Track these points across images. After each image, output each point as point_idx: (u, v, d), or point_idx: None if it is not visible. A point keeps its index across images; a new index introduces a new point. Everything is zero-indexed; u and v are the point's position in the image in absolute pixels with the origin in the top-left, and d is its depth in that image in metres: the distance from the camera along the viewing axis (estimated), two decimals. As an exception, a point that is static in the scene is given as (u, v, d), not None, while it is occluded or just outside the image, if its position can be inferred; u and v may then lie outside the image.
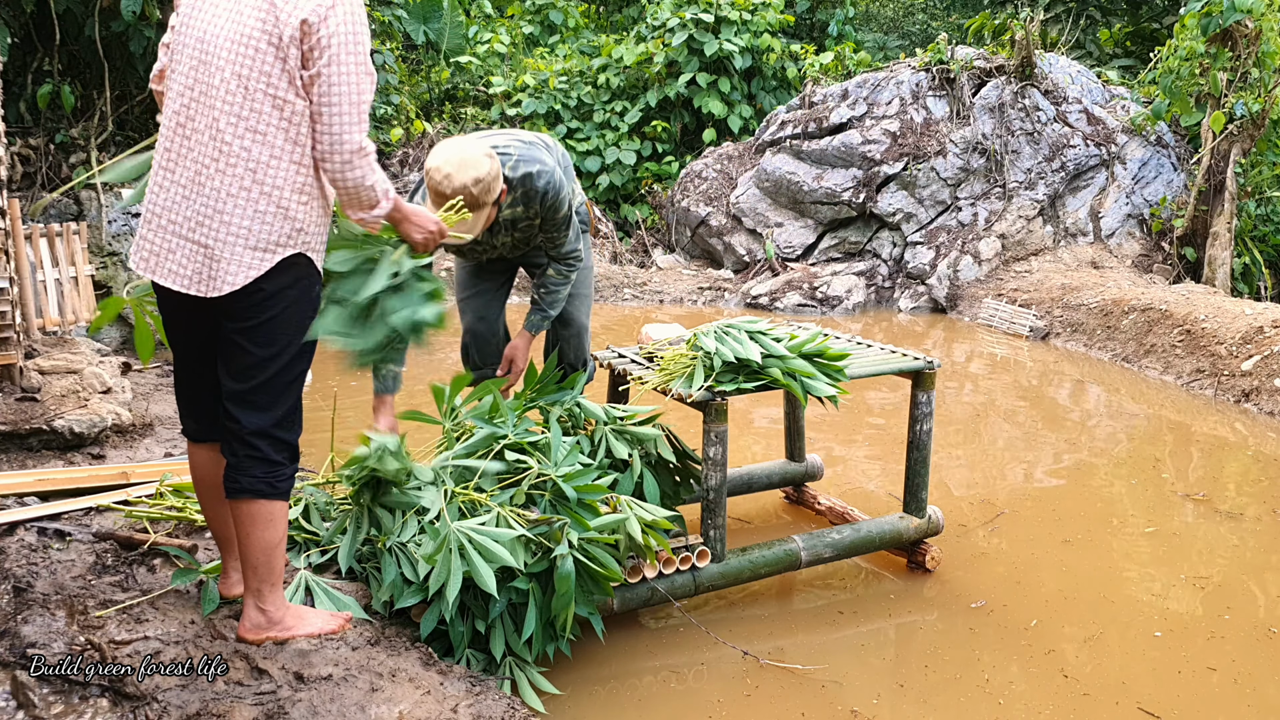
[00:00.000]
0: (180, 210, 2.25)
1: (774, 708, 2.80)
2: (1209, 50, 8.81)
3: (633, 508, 2.87)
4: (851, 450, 5.22)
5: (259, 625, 2.41)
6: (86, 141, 7.41)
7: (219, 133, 2.21)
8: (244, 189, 2.21)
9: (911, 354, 3.57)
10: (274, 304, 2.28)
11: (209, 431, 2.46)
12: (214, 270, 2.23)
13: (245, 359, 2.29)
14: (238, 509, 2.34)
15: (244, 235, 2.22)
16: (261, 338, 2.29)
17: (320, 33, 2.19)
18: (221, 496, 2.44)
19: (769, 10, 11.82)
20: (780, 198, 10.24)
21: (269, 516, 2.34)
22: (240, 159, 2.21)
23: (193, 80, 2.23)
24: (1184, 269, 9.48)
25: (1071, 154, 9.93)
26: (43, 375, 4.37)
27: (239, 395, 2.31)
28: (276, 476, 2.34)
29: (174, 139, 2.27)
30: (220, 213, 2.22)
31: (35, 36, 7.33)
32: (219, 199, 2.22)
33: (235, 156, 2.21)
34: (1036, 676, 3.00)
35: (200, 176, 2.23)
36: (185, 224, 2.24)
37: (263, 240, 2.23)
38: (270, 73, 2.19)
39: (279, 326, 2.30)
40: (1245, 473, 4.99)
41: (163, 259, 2.27)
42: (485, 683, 2.45)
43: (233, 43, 2.20)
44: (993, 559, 3.84)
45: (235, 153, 2.20)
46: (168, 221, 2.26)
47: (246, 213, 2.22)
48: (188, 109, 2.24)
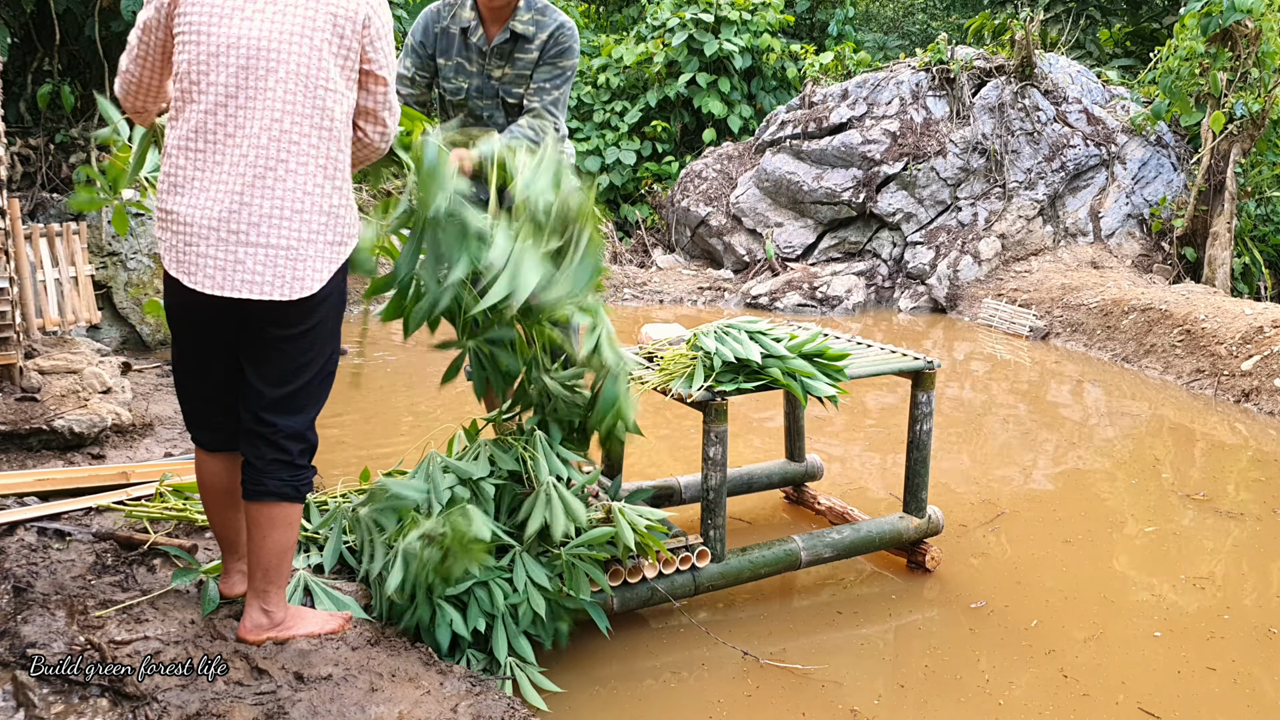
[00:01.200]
0: (242, 218, 2.18)
1: (775, 708, 2.80)
2: (1209, 50, 8.80)
3: (625, 514, 2.87)
4: (851, 450, 5.22)
5: (260, 626, 2.41)
6: (86, 142, 7.41)
7: (284, 132, 2.19)
8: (318, 185, 2.23)
9: (911, 354, 3.57)
10: (326, 305, 2.31)
11: (226, 441, 2.43)
12: (297, 270, 2.22)
13: (290, 363, 2.30)
14: (259, 512, 2.34)
15: (323, 231, 2.25)
16: (312, 339, 2.31)
17: (374, 26, 2.29)
18: (232, 502, 2.45)
19: (769, 10, 11.82)
20: (780, 198, 10.24)
21: (288, 519, 2.36)
22: (311, 156, 2.22)
23: (235, 86, 2.17)
24: (1184, 269, 9.47)
25: (1071, 154, 9.93)
26: (43, 375, 4.37)
27: (278, 400, 2.31)
28: (299, 479, 2.36)
29: (211, 147, 2.19)
30: (300, 211, 2.21)
31: (35, 36, 7.33)
32: (296, 198, 2.21)
33: (306, 155, 2.21)
34: (1037, 677, 3.00)
35: (264, 180, 2.18)
36: (253, 230, 2.18)
37: (339, 234, 2.28)
38: (329, 69, 2.23)
39: (328, 327, 2.33)
40: (1245, 473, 4.99)
41: (232, 271, 2.18)
42: (485, 683, 2.45)
43: (286, 43, 2.19)
44: (993, 559, 3.84)
45: (305, 150, 2.21)
46: (228, 232, 2.17)
47: (323, 208, 2.24)
48: (233, 116, 2.17)
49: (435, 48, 3.37)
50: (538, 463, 2.85)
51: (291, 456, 2.33)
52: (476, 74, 3.36)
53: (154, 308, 2.51)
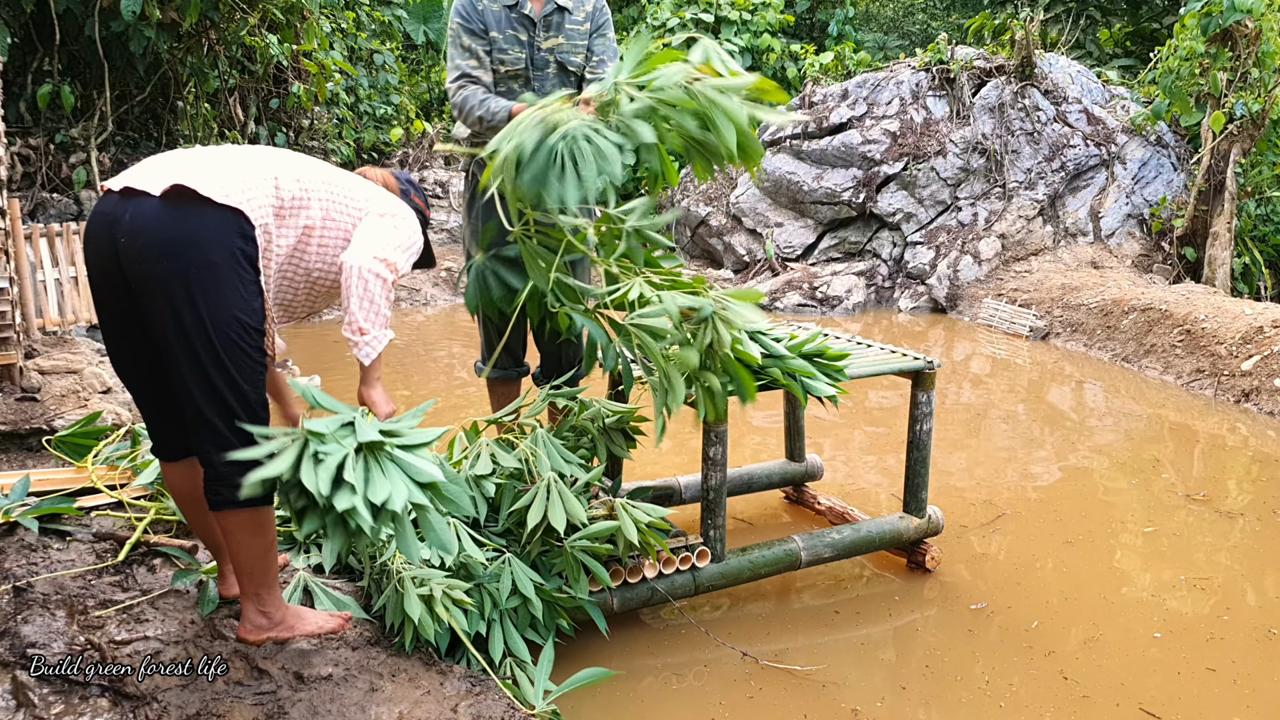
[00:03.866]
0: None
1: (776, 709, 2.80)
2: (1209, 50, 8.81)
3: (628, 510, 2.87)
4: (851, 450, 5.22)
5: (259, 626, 2.41)
6: (86, 141, 7.41)
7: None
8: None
9: (911, 354, 3.57)
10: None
11: (180, 449, 2.39)
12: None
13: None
14: (225, 520, 2.26)
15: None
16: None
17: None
18: (203, 508, 2.41)
19: (769, 10, 11.83)
20: (780, 197, 10.24)
21: (258, 522, 2.30)
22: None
23: None
24: (1184, 269, 9.47)
25: (1071, 154, 9.93)
26: (43, 375, 4.37)
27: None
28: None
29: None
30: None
31: (35, 36, 7.33)
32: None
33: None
34: (1037, 678, 3.00)
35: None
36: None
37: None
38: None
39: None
40: (1245, 473, 4.99)
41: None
42: (485, 683, 2.45)
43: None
44: (993, 559, 3.84)
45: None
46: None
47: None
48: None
49: (487, 23, 3.43)
50: (539, 459, 2.86)
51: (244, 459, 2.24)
52: (528, 45, 3.46)
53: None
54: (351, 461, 2.02)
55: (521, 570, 2.75)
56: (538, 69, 3.48)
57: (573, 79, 3.52)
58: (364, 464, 2.04)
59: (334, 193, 2.39)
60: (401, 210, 2.53)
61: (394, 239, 2.42)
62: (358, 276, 2.30)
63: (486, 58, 3.44)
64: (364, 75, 11.32)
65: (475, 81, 3.42)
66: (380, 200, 2.50)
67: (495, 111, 3.32)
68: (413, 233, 2.51)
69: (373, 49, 11.69)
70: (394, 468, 2.07)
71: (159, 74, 7.80)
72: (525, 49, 3.45)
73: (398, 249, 2.41)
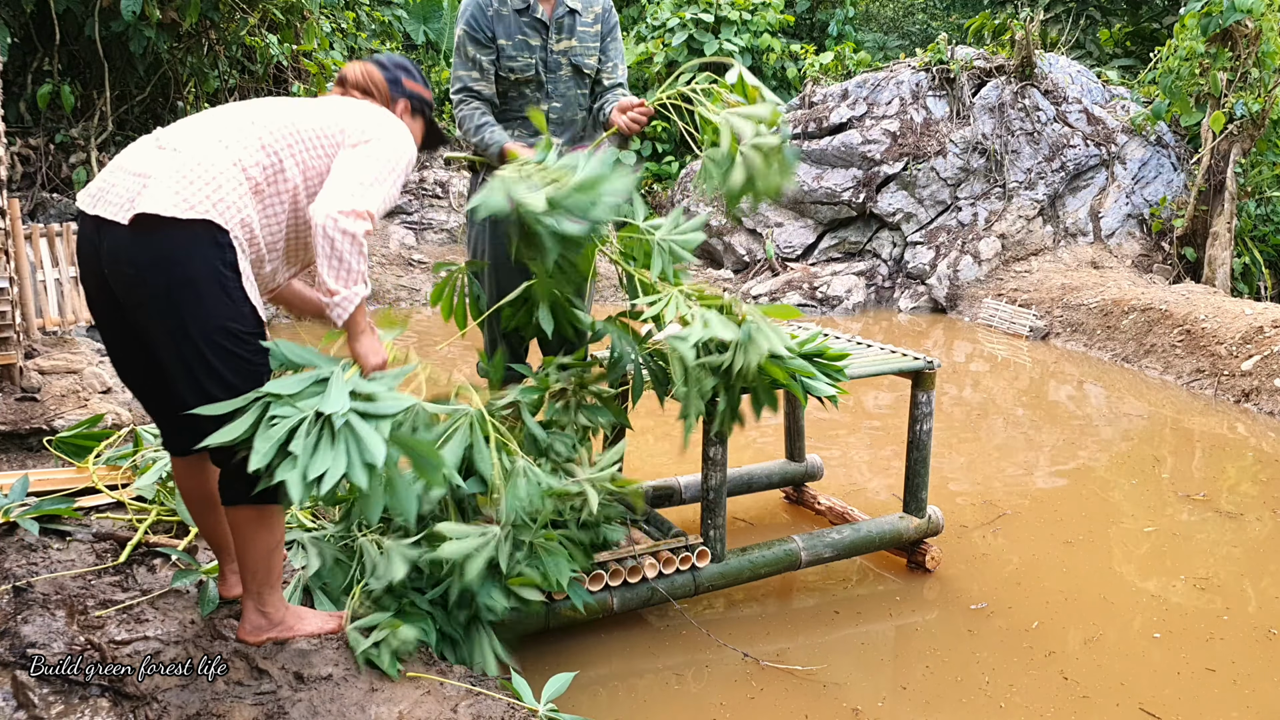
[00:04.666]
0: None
1: (778, 710, 2.80)
2: (1209, 50, 8.81)
3: (593, 483, 2.78)
4: (851, 450, 5.22)
5: (259, 627, 2.41)
6: (86, 141, 7.41)
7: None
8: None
9: (911, 354, 3.57)
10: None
11: (188, 445, 2.35)
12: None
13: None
14: (235, 515, 2.30)
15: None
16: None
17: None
18: (212, 506, 2.42)
19: (769, 10, 11.83)
20: (780, 197, 10.25)
21: (266, 520, 2.32)
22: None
23: None
24: (1184, 269, 9.48)
25: (1071, 154, 9.94)
26: (43, 375, 4.38)
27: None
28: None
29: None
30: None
31: (35, 36, 7.33)
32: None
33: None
34: (1037, 678, 3.00)
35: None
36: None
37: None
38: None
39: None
40: (1245, 473, 4.99)
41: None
42: (485, 682, 2.45)
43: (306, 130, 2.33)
44: (993, 559, 3.84)
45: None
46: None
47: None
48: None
49: (495, 30, 3.44)
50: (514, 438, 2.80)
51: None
52: (539, 49, 3.47)
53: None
54: (305, 429, 2.01)
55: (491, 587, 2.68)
56: (551, 71, 3.51)
57: (587, 80, 3.57)
58: (318, 432, 2.03)
59: (304, 139, 2.26)
60: (379, 128, 2.34)
61: (367, 173, 2.23)
62: (323, 236, 2.16)
63: (491, 68, 3.45)
64: (364, 75, 11.33)
65: (476, 96, 3.45)
66: (355, 124, 2.33)
67: (488, 144, 3.36)
68: (395, 150, 2.31)
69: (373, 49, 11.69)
70: (346, 440, 2.04)
71: (159, 74, 7.80)
72: (536, 54, 3.48)
73: (374, 183, 2.23)
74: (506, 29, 3.45)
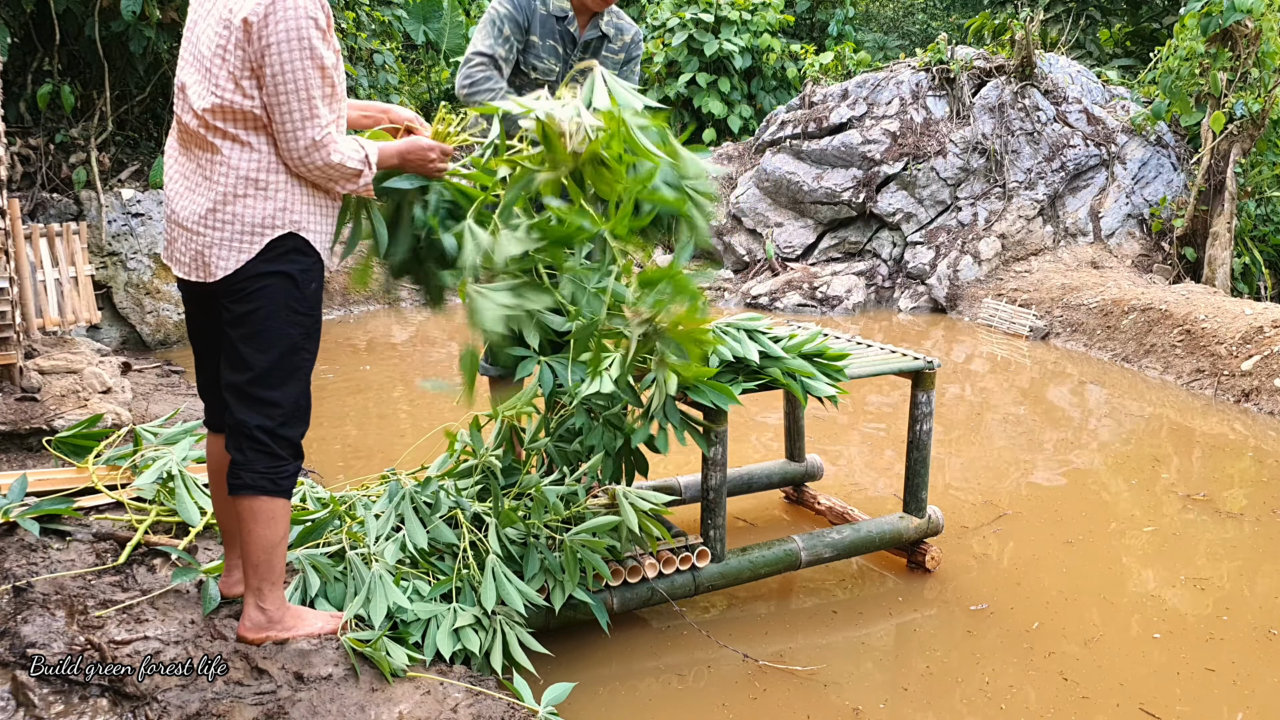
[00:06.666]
0: (174, 205, 2.37)
1: (778, 710, 2.80)
2: (1209, 50, 8.80)
3: (628, 498, 2.86)
4: (851, 450, 5.22)
5: (259, 625, 2.41)
6: (86, 141, 7.40)
7: (206, 128, 2.27)
8: (231, 182, 2.28)
9: (911, 354, 3.57)
10: (260, 293, 2.31)
11: (222, 421, 2.50)
12: (204, 256, 2.32)
13: (239, 347, 2.33)
14: (240, 506, 2.36)
15: (231, 221, 2.29)
16: (253, 326, 2.32)
17: (262, 34, 2.18)
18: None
19: (769, 10, 11.82)
20: (780, 198, 10.24)
21: (270, 514, 2.35)
22: (224, 158, 2.27)
23: (180, 81, 2.33)
24: (1184, 269, 9.47)
25: (1071, 154, 9.93)
26: (43, 375, 4.37)
27: (239, 387, 2.34)
28: (278, 473, 2.35)
29: (174, 137, 2.39)
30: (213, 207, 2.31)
31: (35, 36, 7.33)
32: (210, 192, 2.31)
33: (221, 156, 2.27)
34: (1037, 679, 3.00)
35: (196, 173, 2.32)
36: (179, 215, 2.35)
37: (249, 225, 2.29)
38: (220, 76, 2.23)
39: (265, 314, 2.32)
40: (1245, 473, 4.99)
41: (174, 253, 2.40)
42: (485, 682, 2.45)
43: (203, 47, 2.28)
44: (993, 560, 3.84)
45: (218, 147, 2.27)
46: (170, 212, 2.38)
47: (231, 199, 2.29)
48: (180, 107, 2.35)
49: (533, 25, 3.46)
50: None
51: (267, 448, 2.33)
52: (563, 60, 3.50)
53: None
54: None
55: (506, 579, 2.71)
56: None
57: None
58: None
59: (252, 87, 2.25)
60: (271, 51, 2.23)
61: (293, 102, 2.22)
62: (311, 175, 2.30)
63: (513, 56, 3.43)
64: (364, 75, 11.32)
65: (497, 69, 3.38)
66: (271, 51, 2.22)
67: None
68: (295, 57, 2.20)
69: (372, 49, 11.68)
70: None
71: (159, 74, 7.79)
72: (560, 62, 3.51)
73: (316, 100, 2.23)
74: (542, 28, 3.47)
